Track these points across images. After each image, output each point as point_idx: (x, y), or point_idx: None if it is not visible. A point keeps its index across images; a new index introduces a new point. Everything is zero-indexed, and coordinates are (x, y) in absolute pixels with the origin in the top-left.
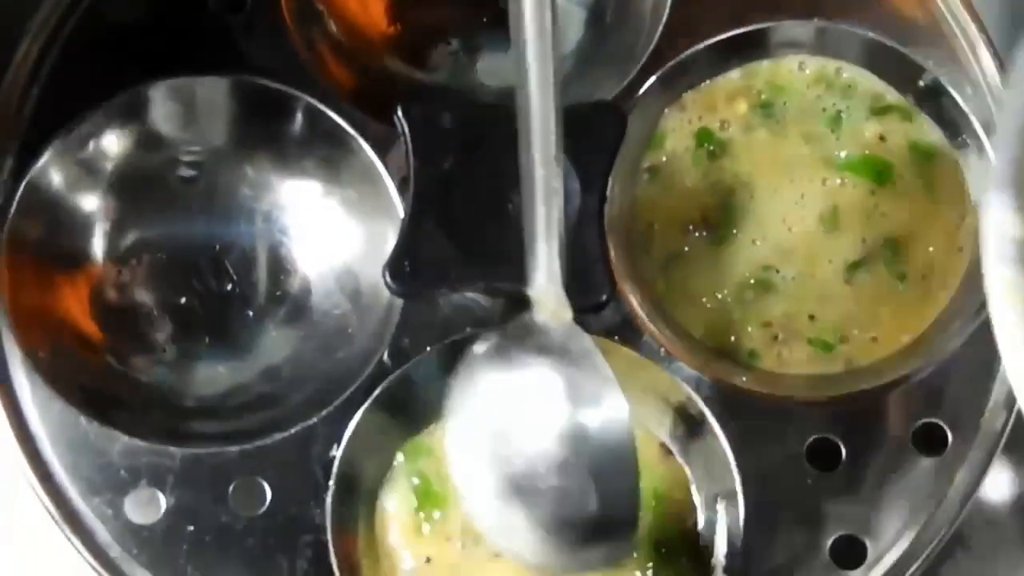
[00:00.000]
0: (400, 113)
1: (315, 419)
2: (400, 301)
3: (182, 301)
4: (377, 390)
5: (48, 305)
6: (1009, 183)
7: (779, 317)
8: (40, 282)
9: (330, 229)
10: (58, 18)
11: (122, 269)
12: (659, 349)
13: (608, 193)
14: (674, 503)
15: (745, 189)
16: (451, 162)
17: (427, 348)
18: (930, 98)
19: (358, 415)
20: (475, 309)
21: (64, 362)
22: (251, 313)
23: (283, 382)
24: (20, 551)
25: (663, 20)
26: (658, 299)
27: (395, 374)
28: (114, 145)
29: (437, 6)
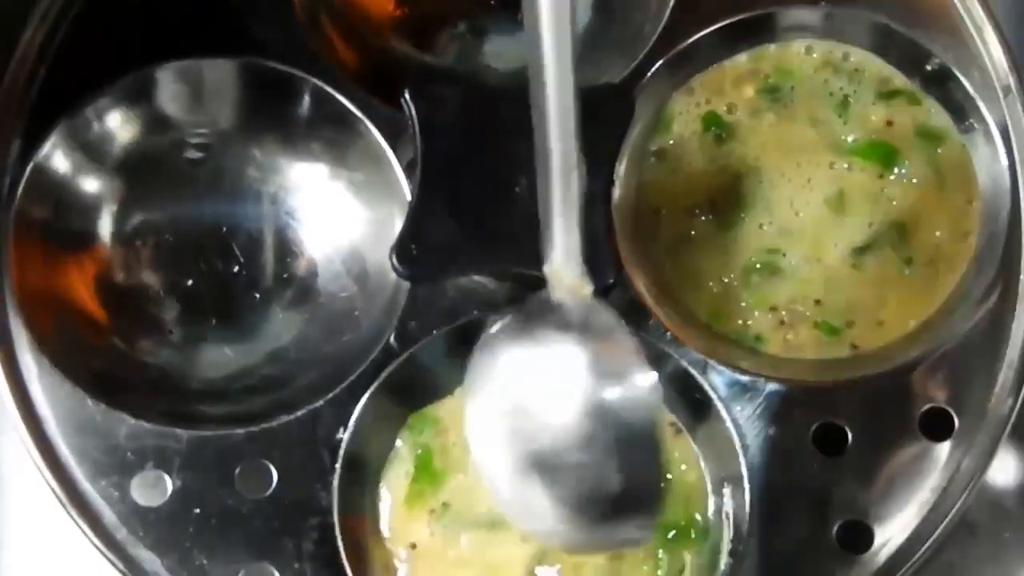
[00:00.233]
0: (407, 95)
1: (321, 402)
2: (407, 284)
3: (189, 283)
4: (384, 373)
5: (55, 287)
6: None
7: (785, 301)
8: (47, 264)
9: (337, 212)
10: (65, 0)
11: (129, 251)
12: (665, 333)
13: (615, 177)
14: (684, 486)
15: (752, 173)
16: (458, 145)
17: (434, 331)
18: (937, 82)
19: (364, 398)
20: (482, 292)
21: (71, 344)
22: (258, 295)
23: (289, 364)
24: (26, 533)
25: (671, 3)
26: (665, 283)
27: (401, 357)
28: (121, 127)
29: None
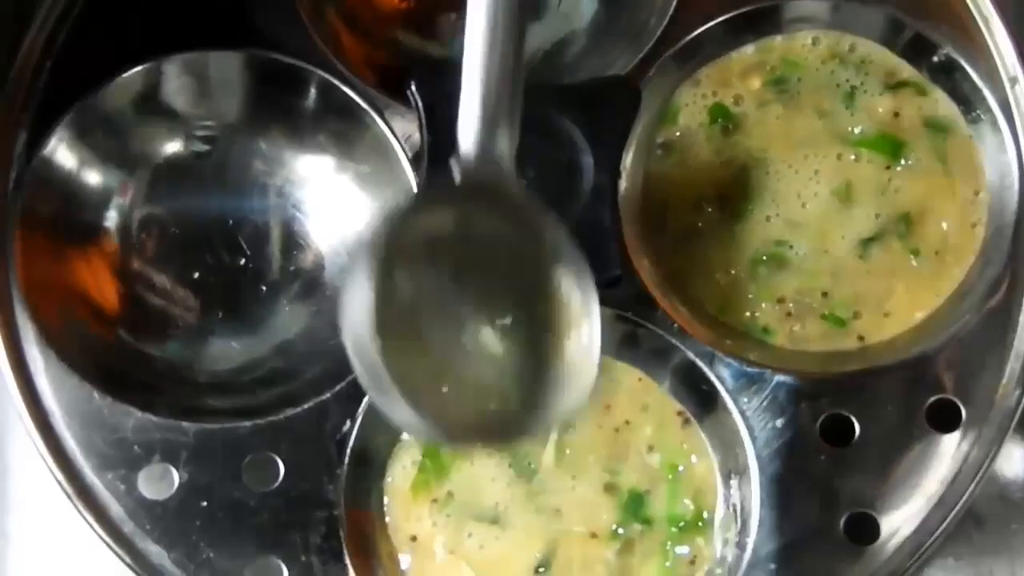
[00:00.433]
0: (413, 87)
1: (328, 395)
2: None
3: (195, 276)
4: None
5: (61, 280)
6: None
7: (792, 293)
8: (53, 257)
9: (343, 204)
10: None
11: (135, 244)
12: (672, 324)
13: (621, 169)
14: (693, 477)
15: (759, 165)
16: None
17: None
18: (944, 73)
19: None
20: None
21: (77, 337)
22: (264, 288)
23: (296, 357)
24: (33, 526)
25: None
26: (671, 274)
27: None
28: (127, 120)
29: None
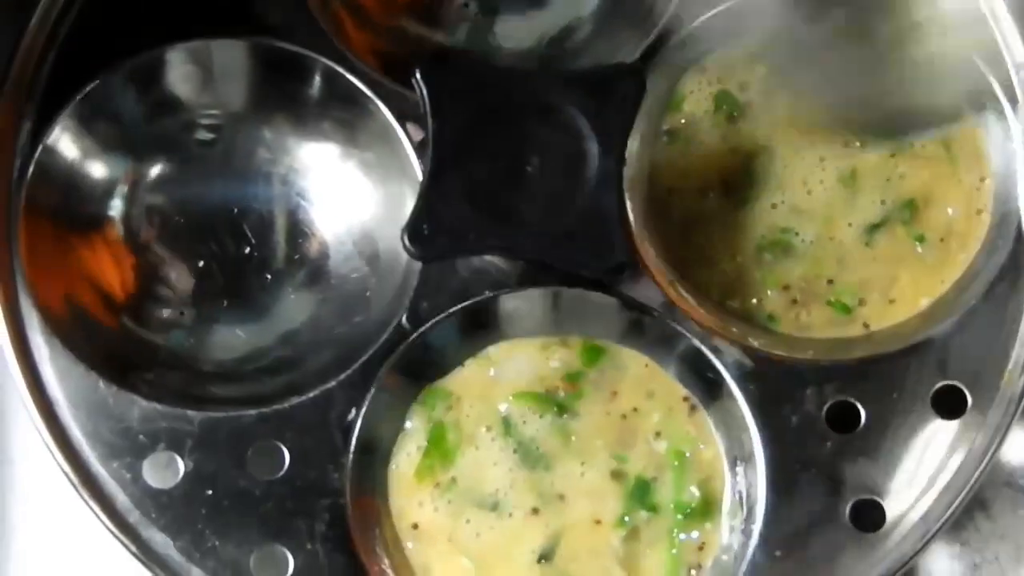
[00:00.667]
0: (418, 75)
1: (333, 383)
2: (418, 264)
3: (200, 264)
4: (395, 353)
5: (66, 269)
6: None
7: (798, 279)
8: (58, 246)
9: (348, 192)
10: None
11: (139, 233)
12: (678, 312)
13: (627, 156)
14: (701, 464)
15: (764, 152)
16: (469, 124)
17: (445, 311)
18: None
19: (376, 378)
20: (493, 273)
21: (82, 326)
22: (269, 276)
23: (301, 346)
24: (37, 515)
25: None
26: (677, 262)
27: (413, 337)
28: (131, 109)
29: None
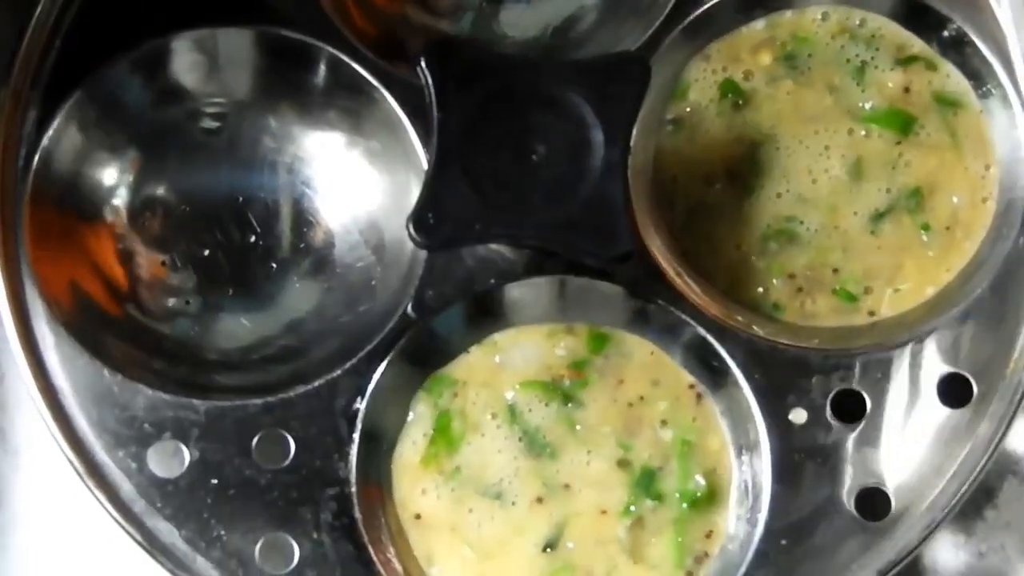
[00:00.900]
0: (423, 64)
1: (339, 371)
2: (424, 253)
3: (205, 253)
4: (401, 342)
5: (71, 258)
6: None
7: (803, 268)
8: (63, 235)
9: (353, 181)
10: None
11: (145, 221)
12: (683, 301)
13: (631, 145)
14: (707, 453)
15: (769, 140)
16: (475, 113)
17: (451, 300)
18: (954, 48)
19: (382, 367)
20: (499, 261)
21: (88, 315)
22: (274, 265)
23: (307, 335)
24: (43, 505)
25: None
26: (682, 251)
27: (418, 326)
28: (137, 97)
29: None
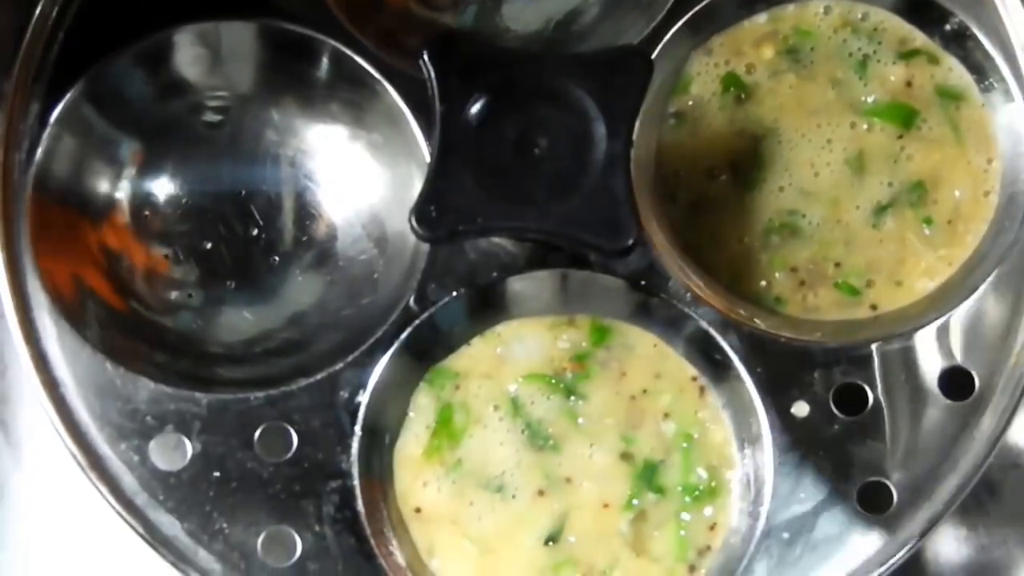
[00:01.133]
0: (426, 57)
1: (341, 364)
2: (426, 246)
3: (207, 246)
4: (403, 335)
5: (73, 250)
6: None
7: (805, 262)
8: (65, 227)
9: (356, 173)
10: None
11: (147, 214)
12: (685, 294)
13: (634, 138)
14: (709, 446)
15: (771, 134)
16: (477, 106)
17: (453, 293)
18: (957, 41)
19: (384, 360)
20: (501, 254)
21: (90, 307)
22: (277, 258)
23: (309, 328)
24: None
25: None
26: (684, 244)
27: (421, 319)
28: (139, 90)
29: None
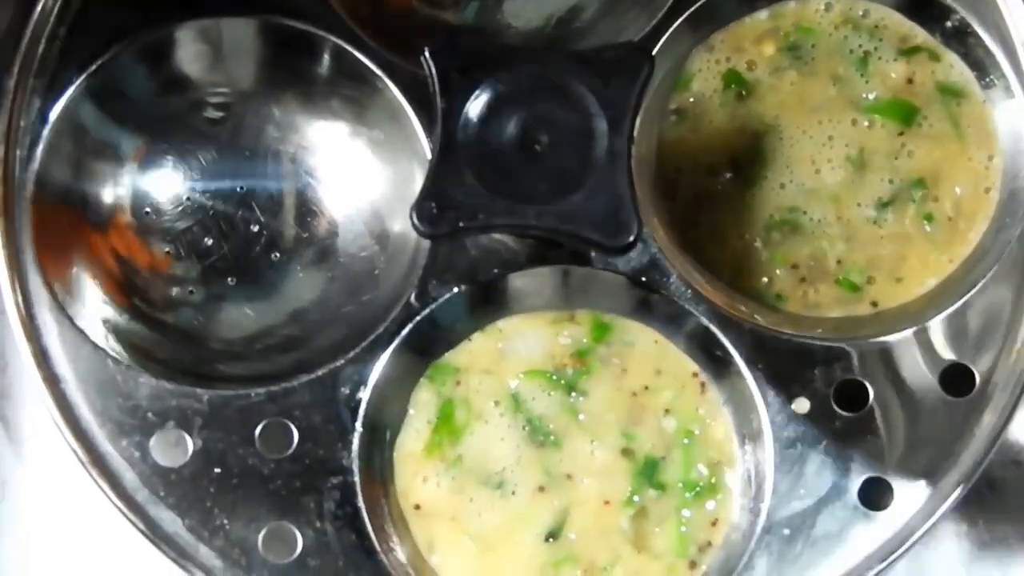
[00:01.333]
0: (427, 54)
1: (342, 361)
2: (427, 242)
3: (208, 243)
4: (404, 331)
5: (74, 246)
6: None
7: (806, 258)
8: (66, 224)
9: (357, 170)
10: None
11: (148, 211)
12: (686, 290)
13: (635, 135)
14: (710, 442)
15: (772, 131)
16: (478, 103)
17: (454, 290)
18: (958, 38)
19: (385, 356)
20: (502, 251)
21: (91, 303)
22: (278, 255)
23: (310, 324)
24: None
25: None
26: (685, 240)
27: (422, 315)
28: (140, 87)
29: None
